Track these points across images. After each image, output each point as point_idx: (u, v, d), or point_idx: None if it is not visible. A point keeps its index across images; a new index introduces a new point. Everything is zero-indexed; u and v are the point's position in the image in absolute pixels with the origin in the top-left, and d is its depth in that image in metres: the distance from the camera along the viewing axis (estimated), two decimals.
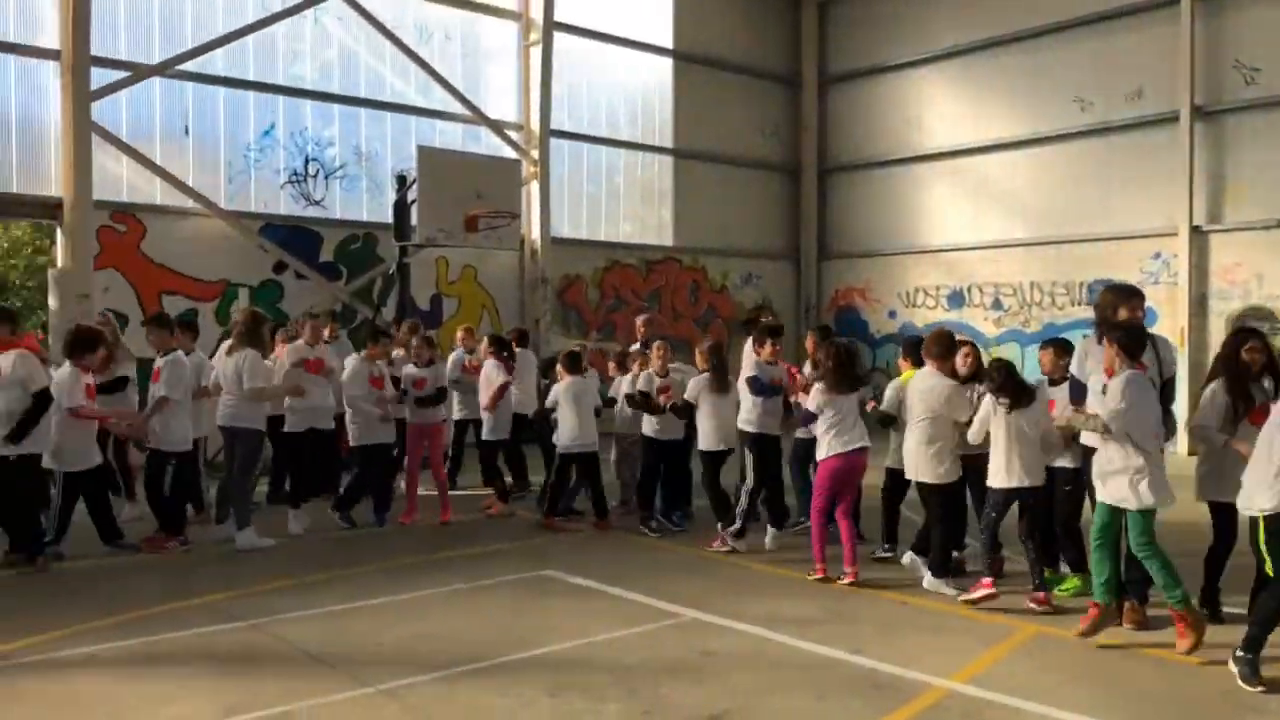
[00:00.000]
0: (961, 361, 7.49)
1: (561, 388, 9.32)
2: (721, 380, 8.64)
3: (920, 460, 7.16)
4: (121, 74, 12.64)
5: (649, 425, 9.25)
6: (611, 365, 10.19)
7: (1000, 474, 6.73)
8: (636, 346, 10.55)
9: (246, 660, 5.68)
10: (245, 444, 8.65)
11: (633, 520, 9.47)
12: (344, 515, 9.31)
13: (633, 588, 7.21)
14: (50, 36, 12.26)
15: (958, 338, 7.62)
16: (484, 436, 10.29)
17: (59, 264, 12.64)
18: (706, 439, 8.64)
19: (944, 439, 7.07)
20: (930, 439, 7.09)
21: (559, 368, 9.53)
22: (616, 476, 10.23)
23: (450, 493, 10.00)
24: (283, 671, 5.49)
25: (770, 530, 8.12)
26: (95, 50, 12.31)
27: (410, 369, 9.84)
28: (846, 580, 7.31)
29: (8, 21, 12.11)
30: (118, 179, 12.82)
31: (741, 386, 8.49)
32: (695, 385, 8.69)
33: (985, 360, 7.57)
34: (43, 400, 7.62)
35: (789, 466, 8.95)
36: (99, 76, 12.36)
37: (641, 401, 9.19)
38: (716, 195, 19.01)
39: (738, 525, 7.95)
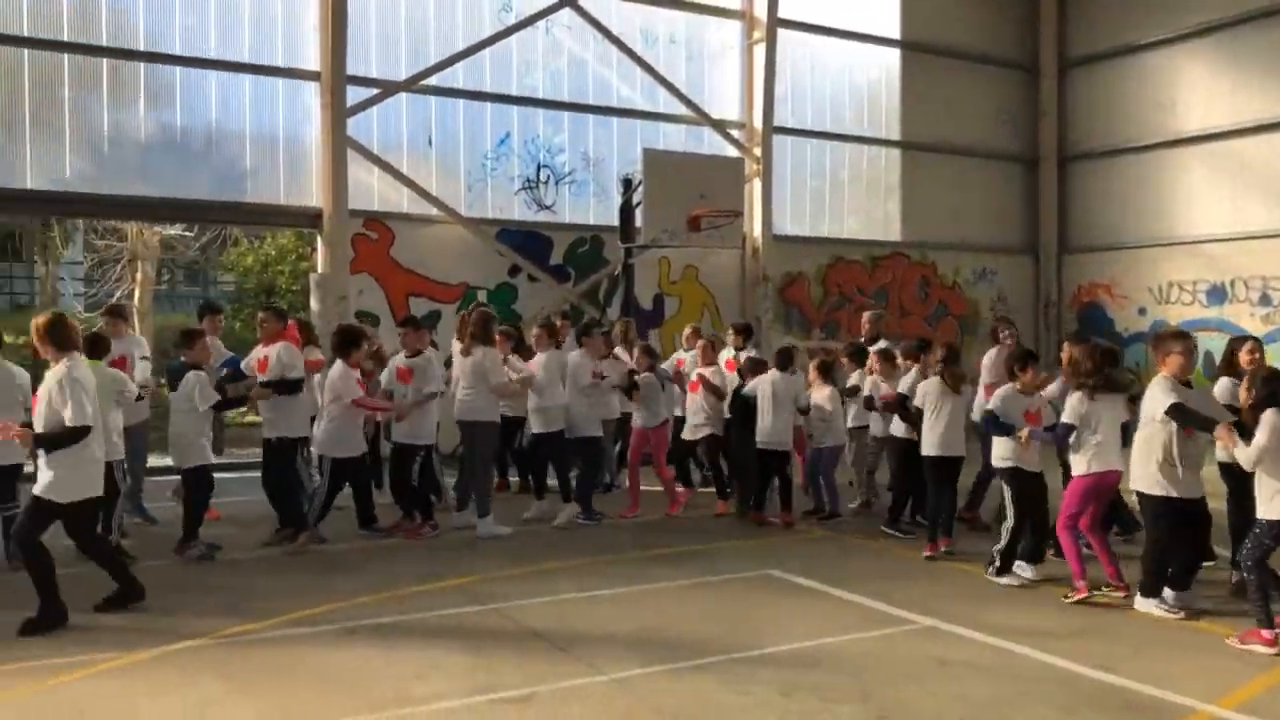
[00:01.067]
0: (1247, 359, 6.92)
1: (760, 383, 9.46)
2: (953, 383, 8.30)
3: (1135, 468, 6.60)
4: (373, 91, 13.57)
5: (897, 427, 9.03)
6: (845, 361, 10.04)
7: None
8: (876, 346, 10.30)
9: (491, 642, 5.96)
10: (483, 437, 9.10)
11: (863, 520, 9.30)
12: (588, 514, 9.59)
13: (861, 591, 7.06)
14: (312, 60, 13.33)
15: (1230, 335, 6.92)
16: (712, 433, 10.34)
17: (319, 269, 13.73)
18: (931, 444, 8.30)
19: (1163, 448, 6.38)
20: (1146, 442, 6.48)
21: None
22: (856, 476, 10.16)
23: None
24: (524, 654, 5.73)
25: (1025, 566, 7.60)
26: (350, 70, 13.29)
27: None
28: (1075, 597, 6.84)
29: (276, 49, 13.27)
30: (370, 189, 13.77)
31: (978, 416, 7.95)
32: (925, 389, 8.39)
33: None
34: (294, 385, 8.43)
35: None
36: (353, 94, 13.33)
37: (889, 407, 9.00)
38: (947, 187, 18.31)
39: (997, 564, 7.50)
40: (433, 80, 14.00)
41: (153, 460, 9.83)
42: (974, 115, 18.59)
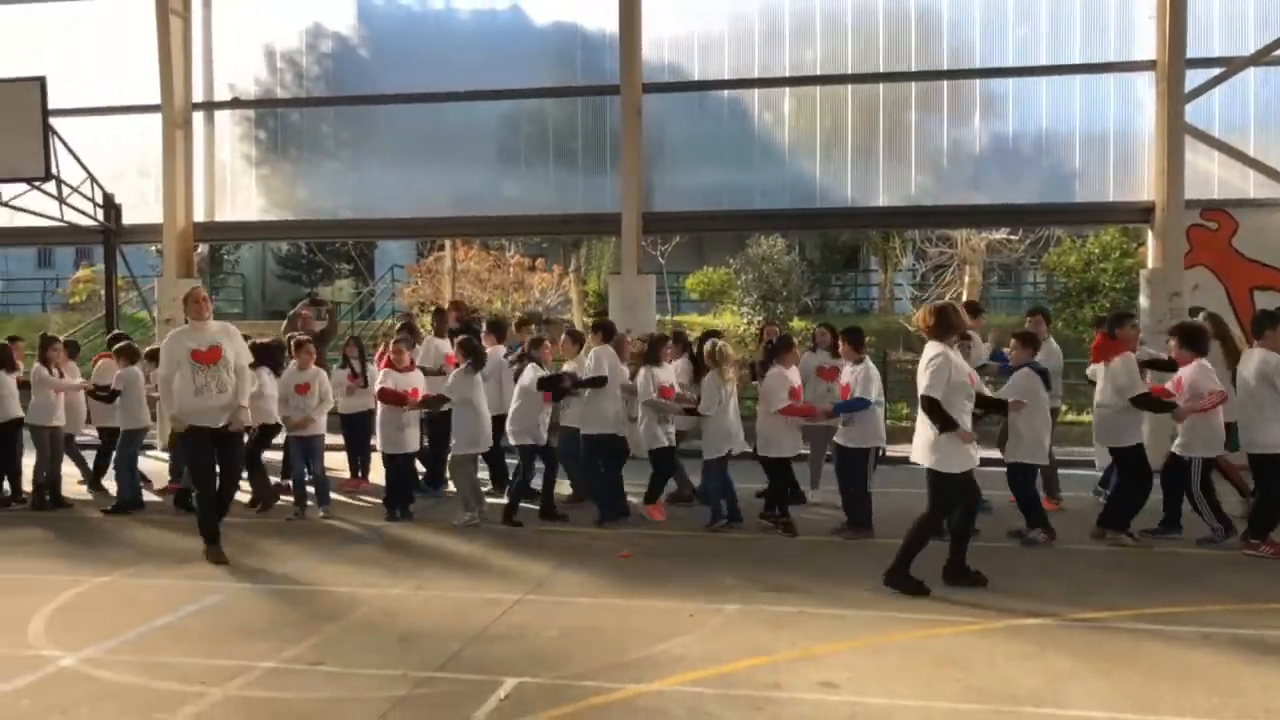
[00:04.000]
0: None
1: None
2: None
3: None
4: (1214, 71, 12.67)
5: None
6: None
7: None
8: None
9: None
10: None
11: None
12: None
13: None
14: (1146, 49, 12.93)
15: None
16: None
17: (1149, 265, 13.26)
18: None
19: None
20: None
21: None
22: None
23: None
24: None
25: None
26: (1190, 53, 12.59)
27: None
28: None
29: (1108, 44, 13.17)
30: (1208, 177, 12.89)
31: None
32: None
33: None
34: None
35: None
36: (1192, 78, 12.61)
37: None
38: None
39: None
40: None
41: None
42: None
